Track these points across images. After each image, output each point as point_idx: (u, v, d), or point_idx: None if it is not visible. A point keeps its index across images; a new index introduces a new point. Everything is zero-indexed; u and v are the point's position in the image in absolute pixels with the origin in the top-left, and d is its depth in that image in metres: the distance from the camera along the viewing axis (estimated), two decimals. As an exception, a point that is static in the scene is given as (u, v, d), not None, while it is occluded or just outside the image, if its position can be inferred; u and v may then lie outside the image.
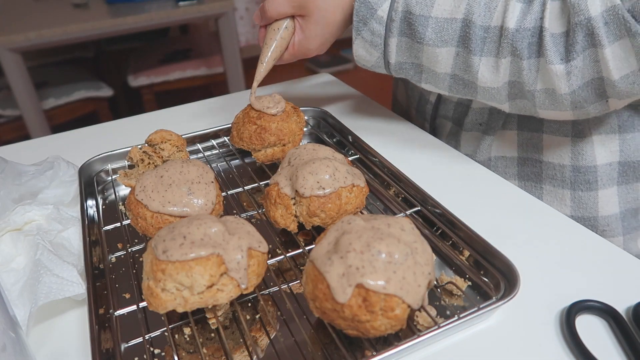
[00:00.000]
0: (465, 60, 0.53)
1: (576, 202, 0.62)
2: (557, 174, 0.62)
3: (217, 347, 0.42)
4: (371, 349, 0.40)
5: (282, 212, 0.50)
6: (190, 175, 0.50)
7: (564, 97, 0.50)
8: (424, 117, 0.78)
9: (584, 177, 0.60)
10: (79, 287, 0.45)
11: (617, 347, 0.40)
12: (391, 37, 0.56)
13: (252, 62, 3.20)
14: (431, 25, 0.53)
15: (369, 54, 0.59)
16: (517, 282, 0.42)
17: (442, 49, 0.54)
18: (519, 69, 0.51)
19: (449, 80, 0.57)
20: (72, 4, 2.12)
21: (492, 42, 0.51)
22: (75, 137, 0.78)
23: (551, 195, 0.63)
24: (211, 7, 2.07)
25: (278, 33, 0.62)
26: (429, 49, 0.54)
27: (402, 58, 0.58)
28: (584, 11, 0.46)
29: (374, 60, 0.60)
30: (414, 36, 0.54)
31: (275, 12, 0.60)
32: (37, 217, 0.51)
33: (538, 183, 0.64)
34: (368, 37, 0.57)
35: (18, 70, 1.82)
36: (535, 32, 0.49)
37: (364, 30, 0.57)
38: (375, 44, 0.57)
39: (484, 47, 0.52)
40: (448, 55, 0.54)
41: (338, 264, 0.37)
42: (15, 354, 0.35)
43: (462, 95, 0.58)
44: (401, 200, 0.58)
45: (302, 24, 0.61)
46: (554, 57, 0.48)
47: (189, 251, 0.38)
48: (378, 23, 0.56)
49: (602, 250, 0.50)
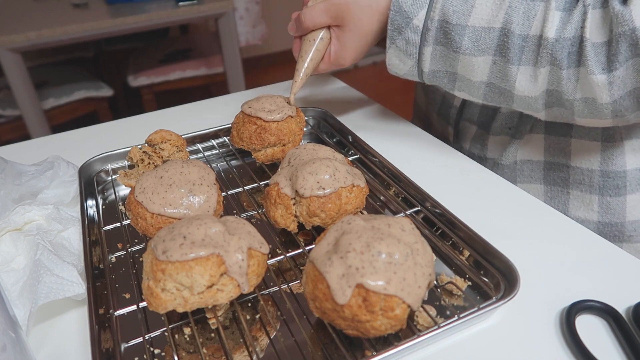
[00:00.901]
0: (503, 69, 0.53)
1: (604, 208, 0.61)
2: (585, 178, 0.61)
3: (217, 347, 0.42)
4: (371, 349, 0.40)
5: (282, 212, 0.50)
6: (191, 176, 0.50)
7: (604, 106, 0.50)
8: (448, 120, 0.77)
9: (613, 182, 0.60)
10: (79, 287, 0.45)
11: (617, 347, 0.40)
12: (426, 45, 0.56)
13: (252, 62, 3.19)
14: (468, 34, 0.52)
15: (403, 62, 0.59)
16: (517, 282, 0.42)
17: (478, 57, 0.53)
18: (558, 79, 0.50)
19: (484, 89, 0.56)
20: (72, 4, 2.12)
21: (531, 51, 0.50)
22: (75, 137, 0.78)
23: (578, 201, 0.62)
24: (211, 7, 2.07)
25: (314, 44, 0.62)
26: (465, 58, 0.54)
27: (437, 66, 0.57)
28: (628, 21, 0.45)
29: (407, 69, 0.60)
30: (450, 45, 0.54)
31: (311, 22, 0.60)
32: (37, 217, 0.51)
33: (565, 188, 0.63)
34: (402, 46, 0.57)
35: (18, 70, 1.82)
36: (575, 42, 0.48)
37: (399, 39, 0.56)
38: (410, 53, 0.57)
39: (522, 56, 0.51)
40: (484, 64, 0.54)
41: (338, 264, 0.37)
42: (15, 354, 0.35)
43: (496, 104, 0.58)
44: (401, 200, 0.58)
45: (338, 34, 0.61)
46: (595, 67, 0.47)
47: (189, 251, 0.38)
48: (413, 32, 0.55)
49: (602, 250, 0.50)
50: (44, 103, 2.04)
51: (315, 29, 0.61)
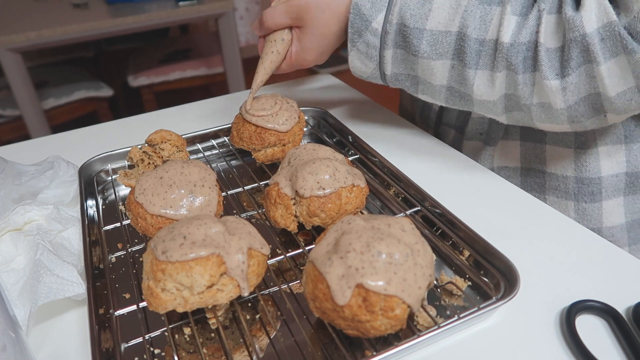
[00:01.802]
0: (461, 73, 0.53)
1: (580, 214, 0.61)
2: (560, 185, 0.62)
3: (217, 347, 0.42)
4: (371, 349, 0.40)
5: (282, 212, 0.50)
6: (191, 177, 0.49)
7: (560, 111, 0.50)
8: (428, 123, 0.78)
9: (588, 189, 0.60)
10: (79, 287, 0.45)
11: (617, 347, 0.40)
12: (386, 49, 0.56)
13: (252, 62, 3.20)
14: (426, 37, 0.53)
15: (365, 65, 0.59)
16: (517, 282, 0.42)
17: (437, 61, 0.54)
18: (515, 83, 0.50)
19: (445, 92, 0.57)
20: (72, 4, 2.12)
21: (487, 55, 0.51)
22: (75, 137, 0.78)
23: (555, 206, 0.63)
24: (211, 7, 2.07)
25: (275, 45, 0.62)
26: (424, 62, 0.54)
27: (398, 69, 0.58)
28: (579, 27, 0.45)
29: (369, 72, 0.60)
30: (409, 49, 0.54)
31: (272, 23, 0.60)
32: (37, 217, 0.51)
33: (541, 194, 0.64)
34: (363, 48, 0.57)
35: (18, 70, 1.82)
36: (530, 47, 0.48)
37: (359, 42, 0.57)
38: (371, 56, 0.57)
39: (479, 61, 0.51)
40: (443, 68, 0.54)
41: (338, 265, 0.37)
42: (15, 354, 0.35)
43: (459, 107, 0.58)
44: (401, 200, 0.58)
45: (298, 35, 0.61)
46: (549, 72, 0.48)
47: (189, 251, 0.38)
48: (373, 35, 0.55)
49: (602, 250, 0.50)
50: (44, 103, 2.04)
51: (277, 29, 0.61)
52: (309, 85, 0.94)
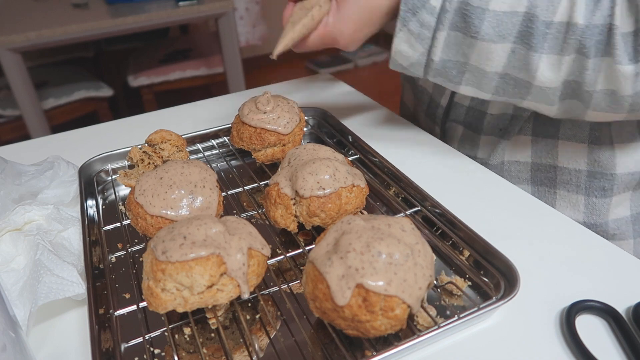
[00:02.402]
0: (524, 58, 0.49)
1: (589, 209, 0.61)
2: (572, 179, 0.61)
3: (217, 347, 0.42)
4: (371, 349, 0.40)
5: (282, 212, 0.50)
6: (192, 177, 0.49)
7: (624, 98, 0.48)
8: (434, 120, 0.76)
9: (600, 184, 0.59)
10: (79, 287, 0.45)
11: (617, 347, 0.40)
12: (441, 30, 0.51)
13: (252, 62, 3.18)
14: (488, 18, 0.48)
15: (413, 49, 0.53)
16: (517, 282, 0.42)
17: (497, 44, 0.49)
18: (582, 68, 0.47)
19: (497, 81, 0.53)
20: (72, 4, 2.12)
21: (555, 38, 0.47)
22: (75, 137, 0.78)
23: (565, 201, 0.62)
24: (211, 7, 2.07)
25: (310, 12, 0.54)
26: (483, 45, 0.50)
27: (448, 55, 0.53)
28: None
29: (415, 57, 0.54)
30: (468, 30, 0.50)
31: None
32: (37, 217, 0.51)
33: (552, 188, 0.63)
34: (416, 29, 0.51)
35: (18, 70, 1.82)
36: (604, 30, 0.46)
37: (412, 21, 0.51)
38: (423, 37, 0.52)
39: (545, 44, 0.48)
40: (503, 52, 0.50)
41: (338, 265, 0.37)
42: (15, 354, 0.35)
43: (507, 98, 0.54)
44: (401, 200, 0.58)
45: (339, 2, 0.54)
46: (623, 57, 0.45)
47: (189, 251, 0.38)
48: (429, 14, 0.50)
49: (602, 250, 0.50)
50: (44, 103, 2.04)
51: None
52: (309, 85, 0.94)
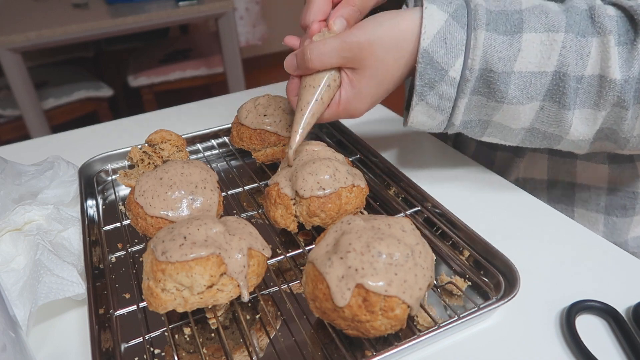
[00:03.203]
0: (554, 115, 0.47)
1: (609, 228, 0.59)
2: (591, 197, 0.59)
3: (217, 347, 0.42)
4: (371, 349, 0.40)
5: (282, 212, 0.50)
6: (192, 178, 0.49)
7: None
8: (446, 134, 0.73)
9: (621, 202, 0.58)
10: (79, 287, 0.45)
11: (617, 347, 0.40)
12: (462, 97, 0.47)
13: (252, 62, 3.18)
14: (514, 81, 0.45)
15: (432, 119, 0.50)
16: (517, 282, 0.42)
17: (525, 105, 0.47)
18: (620, 119, 0.45)
19: (523, 134, 0.50)
20: (72, 4, 2.12)
21: (587, 92, 0.45)
22: (75, 137, 0.78)
23: (583, 219, 0.61)
24: (211, 7, 2.07)
25: (319, 91, 0.49)
26: (509, 107, 0.47)
27: (469, 117, 0.50)
28: None
29: (434, 125, 0.51)
30: (493, 95, 0.46)
31: (319, 63, 0.48)
32: (37, 217, 0.51)
33: (569, 206, 0.61)
34: (434, 101, 0.48)
35: (18, 70, 1.82)
36: None
37: (430, 94, 0.47)
38: (442, 108, 0.48)
39: (577, 99, 0.45)
40: (530, 111, 0.47)
41: (338, 265, 0.37)
42: (15, 354, 0.35)
43: (534, 146, 0.52)
44: (401, 200, 0.58)
45: (352, 78, 0.49)
46: None
47: (188, 251, 0.38)
48: (449, 85, 0.46)
49: (602, 250, 0.50)
50: (44, 103, 2.04)
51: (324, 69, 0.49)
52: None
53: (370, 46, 0.46)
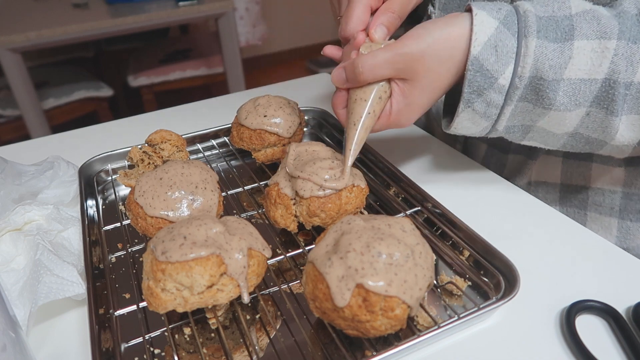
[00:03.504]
0: (602, 121, 0.46)
1: (623, 233, 0.58)
2: (605, 201, 0.58)
3: (217, 347, 0.42)
4: (371, 349, 0.40)
5: (282, 212, 0.50)
6: (192, 178, 0.49)
7: None
8: (455, 137, 0.72)
9: (636, 207, 0.57)
10: (79, 287, 0.45)
11: (617, 347, 0.40)
12: (509, 105, 0.46)
13: (252, 62, 3.18)
14: (563, 88, 0.44)
15: (476, 125, 0.49)
16: (517, 282, 0.42)
17: (572, 112, 0.46)
18: None
19: (566, 139, 0.49)
20: (72, 4, 2.12)
21: (635, 99, 0.44)
22: (75, 137, 0.78)
23: (596, 223, 0.60)
24: (211, 7, 2.07)
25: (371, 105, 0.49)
26: (556, 114, 0.46)
27: (513, 122, 0.49)
28: None
29: (477, 130, 0.50)
30: (540, 102, 0.46)
31: (371, 75, 0.47)
32: (37, 217, 0.51)
33: (582, 210, 0.60)
34: (481, 109, 0.47)
35: (18, 70, 1.82)
36: None
37: (477, 101, 0.46)
38: (489, 115, 0.48)
39: (625, 105, 0.45)
40: (576, 117, 0.46)
41: (338, 265, 0.37)
42: (15, 354, 0.35)
43: (574, 151, 0.51)
44: (401, 200, 0.58)
45: (404, 89, 0.48)
46: None
47: (188, 251, 0.38)
48: (497, 92, 0.46)
49: (602, 250, 0.50)
50: (44, 103, 2.04)
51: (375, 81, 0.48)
52: (309, 85, 0.94)
53: (422, 57, 0.46)
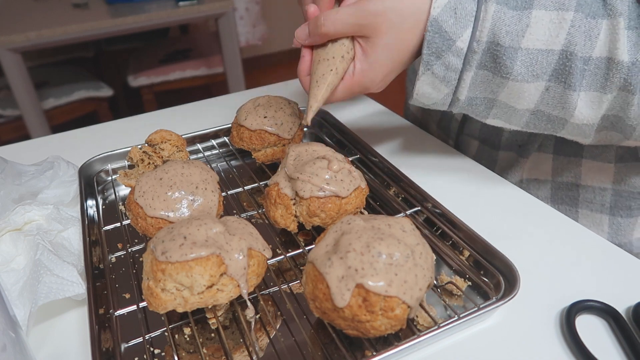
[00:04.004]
0: (559, 96, 0.46)
1: (614, 229, 0.59)
2: (596, 197, 0.59)
3: (217, 347, 0.42)
4: (371, 349, 0.40)
5: (282, 212, 0.50)
6: (193, 178, 0.49)
7: None
8: (448, 134, 0.74)
9: (626, 203, 0.58)
10: (79, 287, 0.45)
11: (617, 347, 0.40)
12: (468, 70, 0.47)
13: (252, 62, 3.18)
14: (521, 57, 0.45)
15: (437, 90, 0.49)
16: (517, 282, 0.42)
17: (530, 84, 0.46)
18: (626, 104, 0.45)
19: (528, 117, 0.50)
20: (72, 4, 2.12)
21: (594, 74, 0.45)
22: (75, 137, 0.78)
23: (587, 220, 0.61)
24: (211, 7, 2.07)
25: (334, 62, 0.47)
26: (514, 85, 0.46)
27: (475, 93, 0.49)
28: None
29: (439, 98, 0.50)
30: (498, 70, 0.46)
31: (333, 28, 0.47)
32: (37, 217, 0.51)
33: (573, 207, 0.61)
34: (440, 72, 0.47)
35: (18, 70, 1.82)
36: None
37: (436, 64, 0.46)
38: (448, 80, 0.48)
39: (583, 81, 0.45)
40: (535, 91, 0.47)
41: (338, 265, 0.37)
42: (15, 354, 0.35)
43: (538, 131, 0.52)
44: (401, 200, 0.58)
45: (366, 47, 0.48)
46: None
47: (188, 251, 0.38)
48: (455, 56, 0.46)
49: (602, 250, 0.50)
50: (44, 103, 2.04)
51: (336, 37, 0.48)
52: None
53: (384, 12, 0.45)
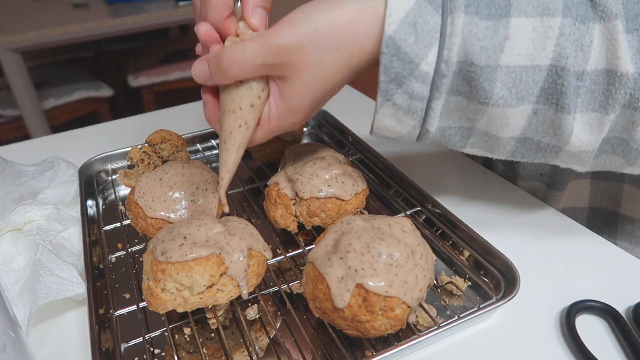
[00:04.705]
0: (552, 121, 0.37)
1: None
2: (636, 230, 0.53)
3: (217, 347, 0.42)
4: (371, 349, 0.40)
5: (282, 212, 0.50)
6: (193, 179, 0.49)
7: None
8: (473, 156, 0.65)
9: None
10: (79, 287, 0.45)
11: (617, 347, 0.40)
12: (438, 98, 0.37)
13: (252, 62, 3.14)
14: (501, 77, 0.36)
15: (401, 123, 0.39)
16: (517, 282, 0.42)
17: (515, 108, 0.37)
18: (632, 124, 0.37)
19: (513, 145, 0.40)
20: (72, 4, 2.12)
21: (591, 91, 0.36)
22: (75, 137, 0.78)
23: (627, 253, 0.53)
24: (211, 7, 2.07)
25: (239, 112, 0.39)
26: (495, 111, 0.37)
27: (448, 122, 0.40)
28: None
29: (404, 132, 0.40)
30: (475, 95, 0.37)
31: (239, 71, 0.37)
32: (37, 217, 0.51)
33: (611, 237, 0.54)
34: (403, 102, 0.38)
35: (18, 70, 1.82)
36: None
37: (398, 93, 0.37)
38: (413, 111, 0.38)
39: (578, 101, 0.36)
40: (522, 116, 0.37)
41: (337, 265, 0.37)
42: (15, 354, 0.35)
43: (527, 160, 0.42)
44: (401, 200, 0.58)
45: (283, 89, 0.38)
46: None
47: (188, 251, 0.38)
48: (420, 82, 0.36)
49: (602, 250, 0.50)
50: (44, 103, 2.04)
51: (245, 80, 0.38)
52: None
53: (300, 48, 0.36)
